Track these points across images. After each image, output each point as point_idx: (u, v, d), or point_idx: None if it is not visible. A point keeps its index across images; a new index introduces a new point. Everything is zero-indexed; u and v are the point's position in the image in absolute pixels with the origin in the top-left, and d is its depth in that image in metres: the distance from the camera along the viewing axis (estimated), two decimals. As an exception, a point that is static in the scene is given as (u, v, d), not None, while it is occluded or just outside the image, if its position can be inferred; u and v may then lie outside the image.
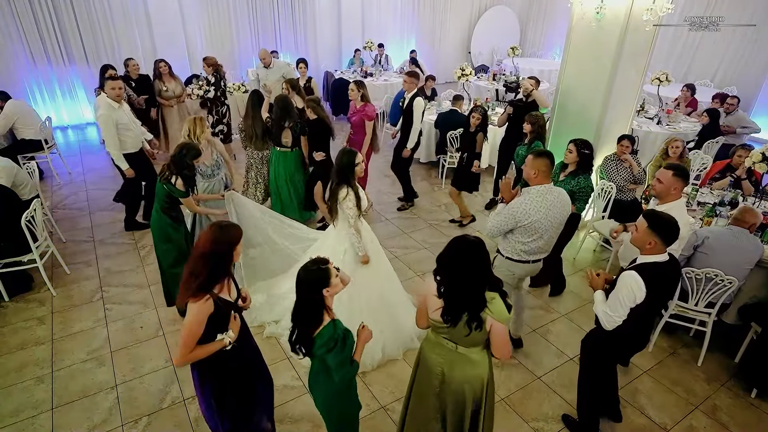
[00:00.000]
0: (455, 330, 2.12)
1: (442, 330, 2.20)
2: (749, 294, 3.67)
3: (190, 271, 2.11)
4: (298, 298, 2.12)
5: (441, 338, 2.25)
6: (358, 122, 5.31)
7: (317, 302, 2.10)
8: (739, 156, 4.94)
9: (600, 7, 4.57)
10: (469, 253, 2.09)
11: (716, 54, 10.35)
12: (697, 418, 3.25)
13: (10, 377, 3.37)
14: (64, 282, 4.41)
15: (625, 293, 2.44)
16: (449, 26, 13.15)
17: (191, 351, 2.11)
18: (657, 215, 2.50)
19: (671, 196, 3.26)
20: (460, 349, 2.21)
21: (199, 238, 2.17)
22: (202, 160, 3.99)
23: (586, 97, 5.08)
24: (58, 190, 6.27)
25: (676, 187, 3.22)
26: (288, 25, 10.63)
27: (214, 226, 2.18)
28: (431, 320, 2.23)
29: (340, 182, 3.33)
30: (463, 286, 2.07)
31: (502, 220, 3.14)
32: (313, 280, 2.09)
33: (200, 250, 2.12)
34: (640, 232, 2.50)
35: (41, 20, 7.91)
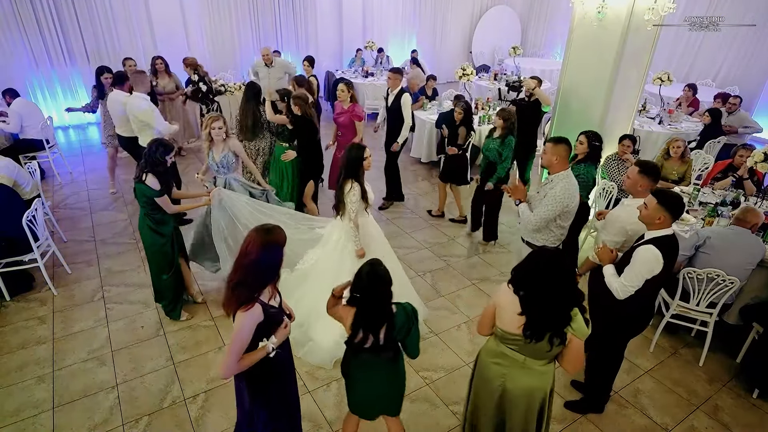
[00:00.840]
0: (531, 344, 2.10)
1: (513, 342, 2.17)
2: (751, 294, 3.66)
3: (239, 280, 2.01)
4: (370, 297, 2.12)
5: (507, 349, 2.21)
6: (347, 123, 5.23)
7: (389, 295, 2.15)
8: (740, 156, 4.94)
9: (601, 6, 4.57)
10: (554, 267, 2.04)
11: (718, 54, 10.32)
12: (699, 419, 3.24)
13: (11, 376, 3.37)
14: (66, 281, 4.41)
15: (644, 266, 2.55)
16: (450, 26, 13.15)
17: (239, 361, 2.03)
18: (665, 192, 2.64)
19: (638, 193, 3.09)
20: (528, 361, 2.18)
21: (246, 243, 2.04)
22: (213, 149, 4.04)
23: (588, 97, 5.07)
24: (59, 190, 6.28)
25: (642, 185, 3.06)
26: (289, 25, 10.64)
27: (260, 230, 2.07)
28: (503, 331, 2.19)
29: (347, 176, 3.37)
30: (550, 305, 2.03)
31: (549, 210, 3.23)
32: (386, 276, 2.12)
33: (250, 258, 2.00)
34: (650, 209, 2.60)
35: (43, 20, 7.92)
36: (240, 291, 2.00)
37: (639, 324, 2.89)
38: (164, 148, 3.44)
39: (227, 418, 3.09)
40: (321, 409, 3.18)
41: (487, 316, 2.26)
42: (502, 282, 2.28)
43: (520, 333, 2.10)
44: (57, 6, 7.98)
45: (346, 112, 5.21)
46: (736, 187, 4.82)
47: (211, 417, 3.11)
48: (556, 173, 3.27)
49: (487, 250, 5.17)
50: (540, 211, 3.27)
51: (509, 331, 2.15)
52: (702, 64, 10.60)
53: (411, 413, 3.18)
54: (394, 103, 5.53)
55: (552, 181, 3.31)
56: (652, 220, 2.61)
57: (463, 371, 3.52)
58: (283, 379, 2.35)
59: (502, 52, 13.09)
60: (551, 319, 2.05)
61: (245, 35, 10.16)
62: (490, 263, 4.93)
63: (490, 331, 2.28)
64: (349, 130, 5.27)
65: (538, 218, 3.29)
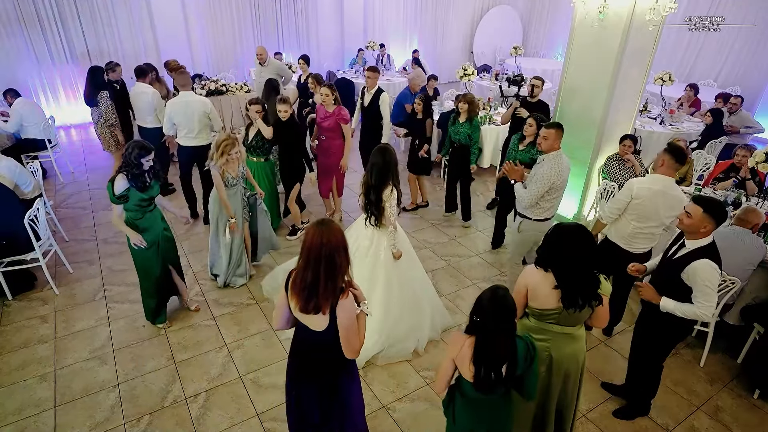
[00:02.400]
0: (570, 314, 2.27)
1: (551, 317, 2.33)
2: (752, 295, 3.65)
3: (327, 273, 2.00)
4: (493, 328, 1.96)
5: (545, 324, 2.37)
6: (333, 126, 5.01)
7: (513, 328, 2.02)
8: (738, 155, 4.91)
9: (603, 6, 4.56)
10: (577, 239, 2.22)
11: (720, 54, 10.31)
12: (700, 419, 3.24)
13: (13, 375, 3.38)
14: (67, 281, 4.43)
15: (711, 281, 2.55)
16: (451, 26, 13.14)
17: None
18: (708, 200, 2.59)
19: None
20: (566, 329, 2.36)
21: (327, 240, 2.00)
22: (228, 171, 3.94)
23: (589, 97, 5.07)
24: (61, 190, 6.30)
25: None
26: (290, 25, 10.66)
27: (322, 225, 2.04)
28: (540, 310, 2.34)
29: (385, 180, 3.36)
30: (583, 273, 2.22)
31: (538, 187, 3.58)
32: (511, 304, 1.97)
33: (335, 246, 2.00)
34: (695, 218, 2.56)
35: (45, 19, 7.95)
36: (334, 283, 2.02)
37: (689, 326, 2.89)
38: (140, 151, 3.24)
39: (228, 417, 3.10)
40: (321, 408, 3.19)
41: (519, 301, 2.35)
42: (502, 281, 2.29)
43: (556, 306, 2.27)
44: (59, 5, 8.00)
45: (331, 116, 4.99)
46: (737, 187, 4.81)
47: (212, 416, 3.11)
48: (547, 153, 3.63)
49: (489, 250, 5.17)
50: (531, 189, 3.62)
51: (547, 307, 2.30)
52: (703, 64, 10.59)
53: (411, 413, 3.18)
54: (371, 103, 5.44)
55: (544, 160, 3.66)
56: (697, 229, 2.58)
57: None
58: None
59: (503, 52, 13.08)
60: (586, 285, 2.23)
61: (246, 35, 10.18)
62: (490, 263, 4.93)
63: (522, 314, 2.42)
64: (336, 134, 5.09)
65: (529, 195, 3.63)
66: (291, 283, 2.11)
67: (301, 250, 2.05)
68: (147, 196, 3.43)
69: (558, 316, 2.31)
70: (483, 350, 1.97)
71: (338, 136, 5.11)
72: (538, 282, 2.29)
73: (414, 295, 3.71)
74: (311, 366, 2.23)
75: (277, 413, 3.15)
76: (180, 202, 5.64)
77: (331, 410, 2.27)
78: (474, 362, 1.99)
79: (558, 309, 2.28)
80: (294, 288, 2.08)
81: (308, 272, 2.01)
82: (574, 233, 2.23)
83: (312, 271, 2.00)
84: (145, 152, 3.28)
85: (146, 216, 3.51)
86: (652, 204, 3.28)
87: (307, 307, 2.04)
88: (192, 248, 4.97)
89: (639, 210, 3.33)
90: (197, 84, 7.73)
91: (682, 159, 3.25)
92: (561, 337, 2.37)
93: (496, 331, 1.97)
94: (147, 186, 3.40)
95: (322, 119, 5.06)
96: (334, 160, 5.18)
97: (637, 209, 3.34)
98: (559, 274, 2.23)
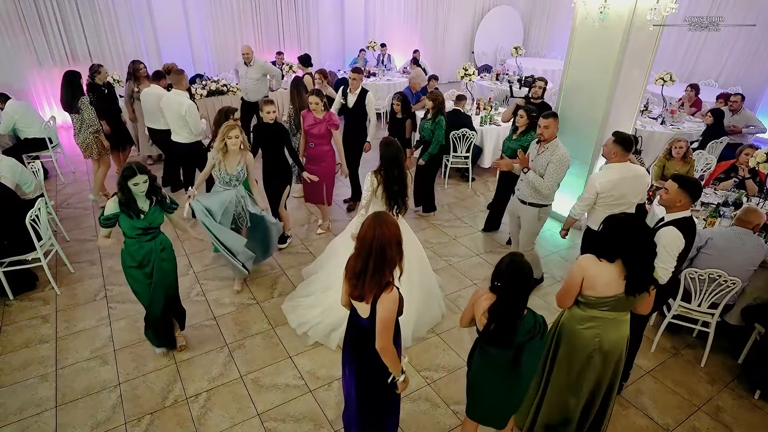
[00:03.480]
0: (626, 300, 2.41)
1: (606, 304, 2.44)
2: (753, 295, 3.65)
3: (376, 264, 2.07)
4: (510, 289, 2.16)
5: (598, 311, 2.48)
6: (323, 132, 4.83)
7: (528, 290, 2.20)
8: (746, 155, 4.89)
9: (603, 6, 4.56)
10: (642, 229, 2.39)
11: (721, 54, 10.29)
12: (700, 420, 3.24)
13: (15, 375, 3.39)
14: (68, 281, 4.43)
15: (671, 246, 2.79)
16: (452, 26, 13.13)
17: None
18: (685, 178, 2.91)
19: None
20: (618, 315, 2.49)
21: (381, 233, 2.07)
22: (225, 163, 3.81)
23: (590, 97, 5.07)
24: (62, 189, 6.30)
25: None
26: (291, 25, 10.66)
27: (378, 218, 2.11)
28: (596, 298, 2.44)
29: (403, 170, 3.56)
30: (646, 261, 2.37)
31: (560, 173, 3.86)
32: (528, 268, 2.17)
33: (388, 239, 2.06)
34: (671, 193, 2.88)
35: (46, 20, 7.95)
36: (382, 274, 2.09)
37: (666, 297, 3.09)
38: (125, 172, 2.93)
39: (229, 417, 3.11)
40: (322, 408, 3.19)
41: (572, 292, 2.49)
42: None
43: (614, 294, 2.39)
44: (60, 6, 8.00)
45: (321, 122, 4.80)
46: (738, 187, 4.81)
47: (213, 416, 3.12)
48: (550, 142, 3.91)
49: (490, 250, 5.18)
50: (551, 177, 3.85)
51: (604, 295, 2.41)
52: (704, 64, 10.57)
53: (411, 413, 3.18)
54: (357, 104, 5.36)
55: (548, 149, 3.90)
56: (674, 203, 2.88)
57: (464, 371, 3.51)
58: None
59: (504, 52, 13.07)
60: (648, 271, 2.38)
61: (247, 35, 10.17)
62: (491, 263, 4.93)
63: (571, 302, 2.54)
64: (326, 141, 4.90)
65: (551, 183, 3.86)
66: (345, 269, 2.25)
67: (357, 239, 2.16)
68: (141, 225, 3.06)
69: (615, 303, 2.43)
70: (499, 307, 2.18)
71: (327, 143, 4.95)
72: (598, 272, 2.40)
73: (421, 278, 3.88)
74: (350, 339, 2.38)
75: (278, 413, 3.15)
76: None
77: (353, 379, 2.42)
78: (489, 313, 2.21)
79: (615, 296, 2.40)
80: (346, 274, 2.23)
81: (359, 261, 2.13)
82: (639, 224, 2.41)
83: (362, 260, 2.11)
84: (129, 174, 2.91)
85: (143, 245, 3.15)
86: (618, 191, 3.62)
87: (353, 293, 2.18)
88: (193, 248, 4.97)
89: (608, 200, 3.65)
90: (198, 84, 7.75)
91: (630, 146, 3.59)
92: (611, 323, 2.50)
93: (513, 292, 2.16)
94: (140, 213, 3.04)
95: (311, 126, 4.84)
96: (324, 166, 4.98)
97: (605, 200, 3.65)
98: (629, 263, 2.35)
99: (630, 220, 2.41)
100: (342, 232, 4.17)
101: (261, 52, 10.29)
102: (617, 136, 3.61)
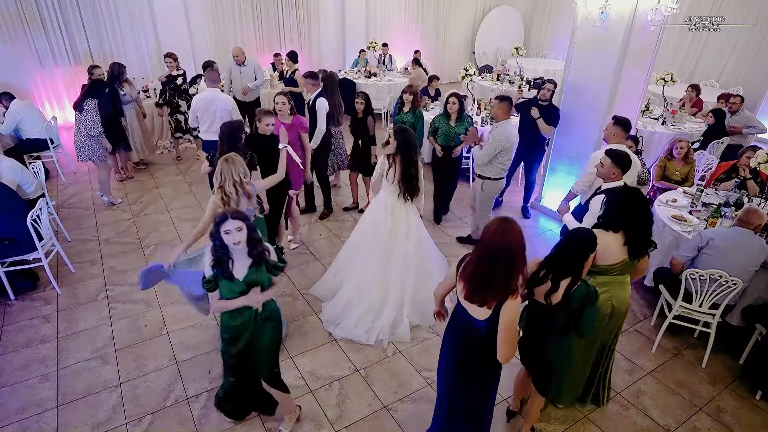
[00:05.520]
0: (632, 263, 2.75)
1: (615, 268, 2.76)
2: (754, 295, 3.64)
3: (504, 273, 2.04)
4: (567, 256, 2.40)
5: (610, 276, 2.78)
6: (293, 139, 4.53)
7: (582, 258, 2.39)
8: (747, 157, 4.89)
9: (604, 6, 4.56)
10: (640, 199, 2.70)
11: (722, 54, 10.28)
12: (701, 420, 3.24)
13: (16, 375, 3.39)
14: (69, 281, 4.44)
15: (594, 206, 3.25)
16: (453, 26, 13.15)
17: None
18: (616, 153, 3.41)
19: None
20: (624, 278, 2.82)
21: (508, 241, 2.03)
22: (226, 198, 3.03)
23: (591, 97, 5.07)
24: (63, 190, 6.31)
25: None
26: (292, 25, 10.67)
27: (504, 224, 2.07)
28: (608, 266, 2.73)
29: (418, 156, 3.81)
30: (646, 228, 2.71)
31: (491, 148, 4.44)
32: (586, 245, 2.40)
33: (516, 249, 2.04)
34: (606, 167, 3.39)
35: (47, 20, 7.97)
36: (511, 279, 2.07)
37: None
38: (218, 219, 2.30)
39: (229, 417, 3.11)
40: (323, 408, 3.19)
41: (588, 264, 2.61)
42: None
43: (621, 260, 2.71)
44: (61, 6, 8.02)
45: (291, 127, 4.52)
46: (739, 188, 4.80)
47: (214, 416, 3.11)
48: (499, 122, 4.49)
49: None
50: (486, 149, 4.48)
51: (614, 262, 2.72)
52: (706, 64, 10.57)
53: (412, 413, 3.18)
54: (309, 108, 5.15)
55: (498, 127, 4.51)
56: (609, 175, 3.39)
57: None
58: None
59: (505, 52, 13.08)
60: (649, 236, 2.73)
61: (248, 35, 10.19)
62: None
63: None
64: (295, 147, 4.54)
65: (483, 154, 4.50)
66: (462, 269, 2.20)
67: (480, 240, 2.14)
68: (239, 288, 2.42)
69: (622, 267, 2.75)
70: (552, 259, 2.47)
71: (298, 148, 4.62)
72: (609, 243, 2.69)
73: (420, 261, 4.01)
74: (461, 340, 2.33)
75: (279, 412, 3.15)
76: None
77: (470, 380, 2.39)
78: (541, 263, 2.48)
79: (623, 261, 2.72)
80: (463, 274, 2.18)
81: (481, 267, 2.08)
82: (639, 197, 2.71)
83: (485, 266, 2.07)
84: (222, 220, 2.26)
85: (243, 311, 2.50)
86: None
87: (473, 297, 2.13)
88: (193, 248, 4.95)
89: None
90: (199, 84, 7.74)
91: (628, 127, 4.01)
92: (618, 285, 2.81)
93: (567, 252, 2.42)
94: (231, 276, 2.38)
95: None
96: (293, 176, 4.56)
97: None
98: (631, 232, 2.68)
99: (630, 191, 2.74)
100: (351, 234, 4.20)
101: (262, 52, 10.31)
102: (616, 118, 4.01)
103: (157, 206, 5.90)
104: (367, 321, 3.83)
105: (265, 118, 4.03)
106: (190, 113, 5.34)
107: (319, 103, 5.06)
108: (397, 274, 3.87)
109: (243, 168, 3.07)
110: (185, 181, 6.66)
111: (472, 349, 2.29)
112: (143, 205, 5.92)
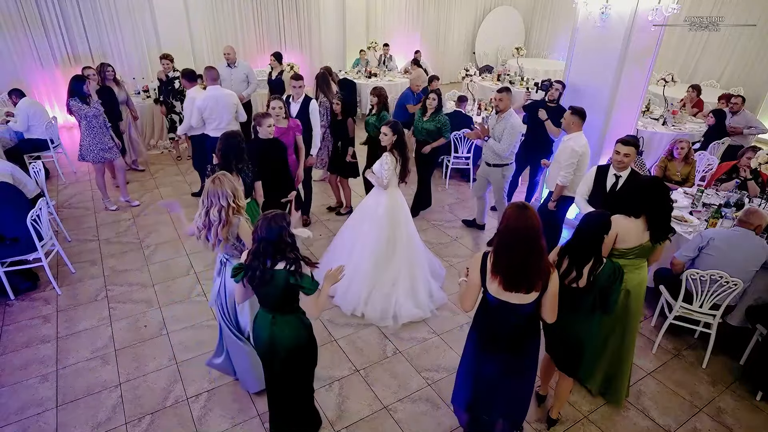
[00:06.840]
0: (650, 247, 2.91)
1: (633, 252, 2.92)
2: (754, 296, 3.64)
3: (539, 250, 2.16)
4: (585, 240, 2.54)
5: (627, 260, 2.93)
6: (290, 141, 4.50)
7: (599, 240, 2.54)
8: (748, 158, 4.89)
9: (605, 7, 4.56)
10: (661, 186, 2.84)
11: (723, 54, 10.28)
12: (702, 421, 3.23)
13: (16, 375, 3.39)
14: (69, 281, 4.44)
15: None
16: (453, 26, 13.14)
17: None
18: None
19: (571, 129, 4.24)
20: (641, 262, 3.00)
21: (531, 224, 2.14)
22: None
23: (591, 98, 5.06)
24: (63, 190, 6.31)
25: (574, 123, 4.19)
26: (292, 26, 10.66)
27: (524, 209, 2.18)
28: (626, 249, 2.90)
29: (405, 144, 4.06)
30: (666, 214, 2.86)
31: (512, 137, 4.71)
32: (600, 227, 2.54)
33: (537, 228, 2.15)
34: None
35: (48, 20, 7.97)
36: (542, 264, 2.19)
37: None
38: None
39: (229, 418, 3.11)
40: (323, 409, 3.19)
41: (609, 246, 2.88)
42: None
43: (639, 244, 2.88)
44: (61, 6, 8.02)
45: (289, 129, 4.51)
46: (740, 188, 4.80)
47: (214, 416, 3.12)
48: (505, 113, 4.75)
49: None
50: (506, 140, 4.72)
51: (634, 245, 2.90)
52: (706, 65, 10.56)
53: (412, 413, 3.18)
54: (300, 114, 4.95)
55: (504, 118, 4.75)
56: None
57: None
58: None
59: (506, 52, 13.07)
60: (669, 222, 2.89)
61: (249, 35, 10.19)
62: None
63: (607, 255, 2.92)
64: (291, 149, 4.54)
65: (506, 144, 4.73)
66: (492, 265, 2.23)
67: (500, 231, 2.22)
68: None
69: (639, 251, 2.92)
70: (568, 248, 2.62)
71: (293, 152, 4.63)
72: (629, 228, 2.87)
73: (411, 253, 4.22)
74: (502, 337, 2.39)
75: (279, 413, 3.15)
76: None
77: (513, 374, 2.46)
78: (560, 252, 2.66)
79: (641, 245, 2.89)
80: (497, 269, 2.21)
81: (515, 254, 2.16)
82: (661, 184, 2.85)
83: (519, 252, 2.15)
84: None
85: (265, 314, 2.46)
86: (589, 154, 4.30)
87: (517, 287, 2.19)
88: (193, 248, 4.97)
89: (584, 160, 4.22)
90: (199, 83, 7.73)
91: (584, 116, 4.21)
92: (635, 269, 2.97)
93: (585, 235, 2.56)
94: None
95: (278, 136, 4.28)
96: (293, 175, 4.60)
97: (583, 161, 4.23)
98: (653, 218, 2.84)
99: (652, 181, 2.87)
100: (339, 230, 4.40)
101: (262, 52, 10.30)
102: (572, 108, 4.22)
103: (157, 206, 5.90)
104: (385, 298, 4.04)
105: (266, 120, 3.97)
106: (194, 115, 5.10)
107: (312, 106, 4.98)
108: (403, 249, 4.11)
109: (233, 191, 2.67)
110: (185, 181, 6.66)
111: (518, 341, 2.40)
112: (143, 205, 5.92)
